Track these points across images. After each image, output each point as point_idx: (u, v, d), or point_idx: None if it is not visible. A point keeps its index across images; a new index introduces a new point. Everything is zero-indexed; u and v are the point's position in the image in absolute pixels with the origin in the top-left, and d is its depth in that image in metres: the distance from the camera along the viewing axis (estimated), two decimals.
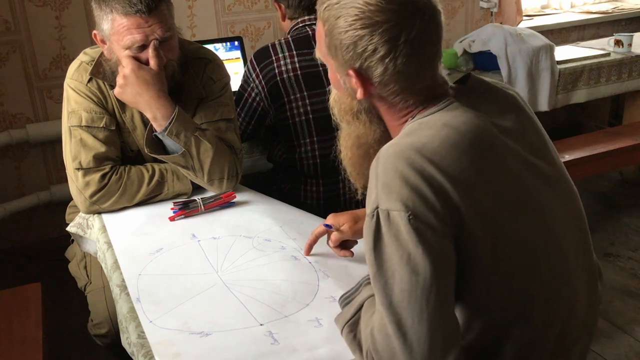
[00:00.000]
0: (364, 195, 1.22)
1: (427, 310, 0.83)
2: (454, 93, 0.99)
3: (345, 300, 1.05)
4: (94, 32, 1.51)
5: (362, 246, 1.20)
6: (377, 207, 0.88)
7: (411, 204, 0.85)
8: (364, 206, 1.64)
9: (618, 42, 3.13)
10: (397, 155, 0.89)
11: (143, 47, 1.46)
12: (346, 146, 1.12)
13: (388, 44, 0.91)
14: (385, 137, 1.06)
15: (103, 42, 1.51)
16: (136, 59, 1.47)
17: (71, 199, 1.61)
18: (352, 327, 0.98)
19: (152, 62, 1.47)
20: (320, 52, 1.03)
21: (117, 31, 1.44)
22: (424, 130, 0.93)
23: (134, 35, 1.42)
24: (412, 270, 0.84)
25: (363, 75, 0.96)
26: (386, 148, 0.93)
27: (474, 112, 0.95)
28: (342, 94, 1.05)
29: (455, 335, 0.88)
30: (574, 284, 0.98)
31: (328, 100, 1.11)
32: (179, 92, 1.60)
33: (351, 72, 0.96)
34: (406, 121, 1.00)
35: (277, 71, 1.88)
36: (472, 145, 0.90)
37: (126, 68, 1.47)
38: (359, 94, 0.98)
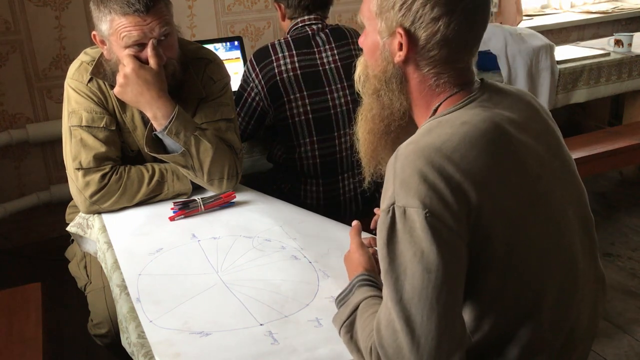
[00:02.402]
0: (370, 185, 1.22)
1: (437, 309, 0.83)
2: (478, 86, 1.00)
3: (341, 302, 1.05)
4: (93, 33, 1.51)
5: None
6: (393, 203, 0.87)
7: (429, 202, 0.85)
8: (364, 205, 1.64)
9: (618, 42, 3.13)
10: (416, 153, 0.89)
11: (142, 46, 1.46)
12: (366, 119, 1.09)
13: (446, 6, 0.92)
14: (409, 118, 1.05)
15: (102, 43, 1.51)
16: (136, 58, 1.47)
17: (71, 199, 1.61)
18: (348, 327, 0.98)
19: (152, 61, 1.47)
20: (365, 13, 1.02)
21: (115, 31, 1.44)
22: (442, 128, 0.93)
23: (131, 32, 1.43)
24: (424, 268, 0.84)
25: (411, 35, 0.95)
26: (405, 146, 0.92)
27: (493, 110, 0.95)
28: (376, 60, 1.02)
29: (462, 336, 0.88)
30: (581, 289, 0.98)
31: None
32: (180, 91, 1.60)
33: (400, 31, 0.95)
34: (433, 106, 0.99)
35: (276, 71, 1.89)
36: (491, 143, 0.90)
37: (127, 67, 1.47)
38: (400, 55, 0.97)
